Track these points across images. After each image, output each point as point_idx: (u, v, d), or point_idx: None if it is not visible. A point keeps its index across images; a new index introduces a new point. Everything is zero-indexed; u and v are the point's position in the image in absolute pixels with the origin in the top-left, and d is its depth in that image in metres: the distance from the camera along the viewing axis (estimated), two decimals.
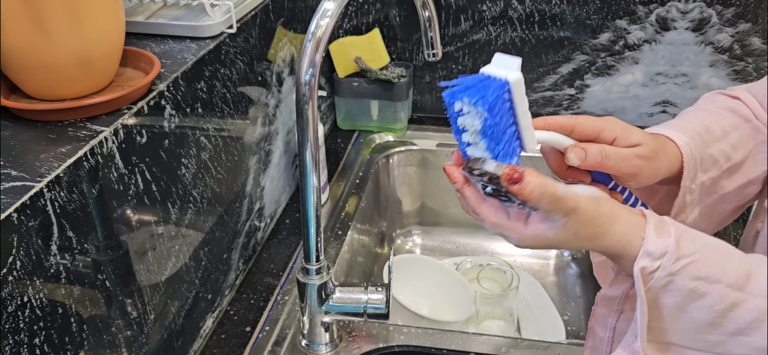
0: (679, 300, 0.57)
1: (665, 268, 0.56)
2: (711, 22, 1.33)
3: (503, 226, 0.59)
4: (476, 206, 0.60)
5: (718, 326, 0.56)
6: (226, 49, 0.92)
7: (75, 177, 0.63)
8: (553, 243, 0.58)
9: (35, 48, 0.66)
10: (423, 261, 1.29)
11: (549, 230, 0.57)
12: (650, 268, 0.56)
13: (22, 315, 0.58)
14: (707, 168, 0.69)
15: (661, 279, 0.56)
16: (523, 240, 0.59)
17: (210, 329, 0.95)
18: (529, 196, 0.55)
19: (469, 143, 0.59)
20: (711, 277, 0.57)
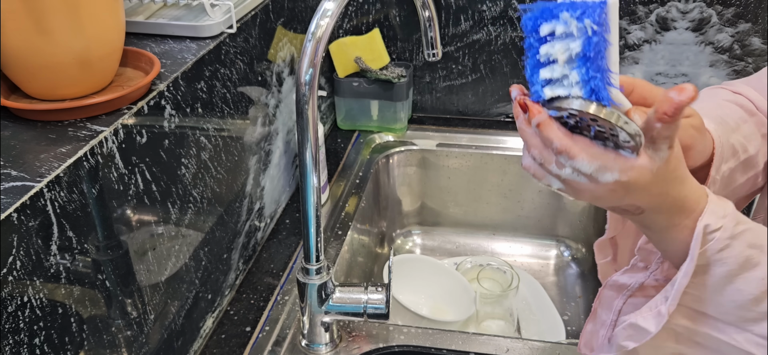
0: (732, 269, 0.54)
1: (727, 229, 0.53)
2: (711, 22, 1.33)
3: (604, 158, 0.51)
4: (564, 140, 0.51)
5: (760, 301, 0.54)
6: (226, 49, 0.92)
7: (75, 177, 0.63)
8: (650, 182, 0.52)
9: (35, 48, 0.66)
10: (423, 261, 1.29)
11: (653, 163, 0.51)
12: (713, 226, 0.53)
13: (22, 315, 0.58)
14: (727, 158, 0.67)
15: (721, 241, 0.53)
16: (625, 173, 0.51)
17: (210, 329, 0.95)
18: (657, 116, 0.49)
19: (551, 80, 0.50)
20: (765, 247, 0.54)
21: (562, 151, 0.51)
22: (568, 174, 0.53)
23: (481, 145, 1.44)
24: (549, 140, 0.52)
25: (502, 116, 1.50)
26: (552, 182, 0.55)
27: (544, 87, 0.51)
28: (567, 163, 0.52)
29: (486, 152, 1.42)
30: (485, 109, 1.50)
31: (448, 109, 1.53)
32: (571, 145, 0.51)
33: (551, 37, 0.49)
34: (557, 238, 1.47)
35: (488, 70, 1.46)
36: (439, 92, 1.51)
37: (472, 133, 1.46)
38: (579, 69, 0.48)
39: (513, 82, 1.45)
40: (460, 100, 1.51)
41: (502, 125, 1.49)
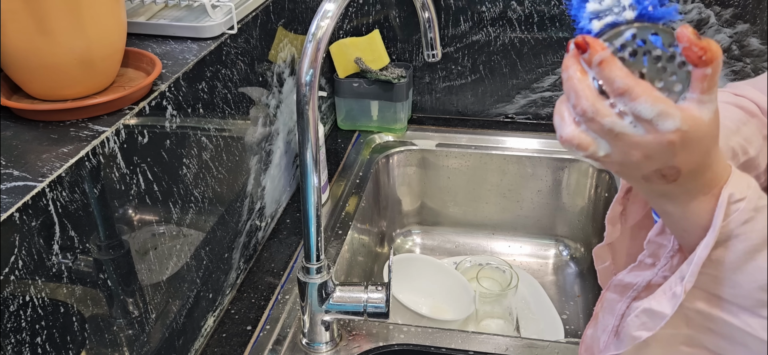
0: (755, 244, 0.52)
1: (752, 200, 0.52)
2: (709, 22, 1.33)
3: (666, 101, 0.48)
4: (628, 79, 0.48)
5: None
6: (227, 49, 0.92)
7: (77, 177, 0.63)
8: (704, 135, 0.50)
9: (37, 48, 0.67)
10: (423, 260, 1.30)
11: (705, 113, 0.49)
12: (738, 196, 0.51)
13: (24, 314, 0.58)
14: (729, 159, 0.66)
15: (746, 212, 0.51)
16: (686, 121, 0.49)
17: (211, 327, 0.96)
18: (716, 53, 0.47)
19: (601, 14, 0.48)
20: None
21: (624, 91, 0.48)
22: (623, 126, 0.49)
23: (480, 146, 1.44)
24: (610, 79, 0.48)
25: (502, 116, 1.51)
26: (599, 146, 0.51)
27: (593, 21, 0.49)
28: (628, 105, 0.48)
29: (485, 152, 1.43)
30: (485, 109, 1.51)
31: (447, 110, 1.53)
32: (634, 84, 0.48)
33: None
34: (556, 237, 1.47)
35: (487, 70, 1.46)
36: (439, 93, 1.51)
37: (472, 133, 1.47)
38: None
39: (512, 82, 1.46)
40: (460, 100, 1.51)
41: (501, 125, 1.49)
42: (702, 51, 0.47)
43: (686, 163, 0.51)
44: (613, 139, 0.50)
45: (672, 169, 0.51)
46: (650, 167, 0.51)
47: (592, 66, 0.49)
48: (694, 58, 0.47)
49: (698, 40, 0.47)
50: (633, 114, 0.48)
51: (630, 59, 0.48)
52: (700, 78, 0.48)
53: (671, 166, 0.51)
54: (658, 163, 0.51)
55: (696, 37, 0.47)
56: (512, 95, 1.48)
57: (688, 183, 0.52)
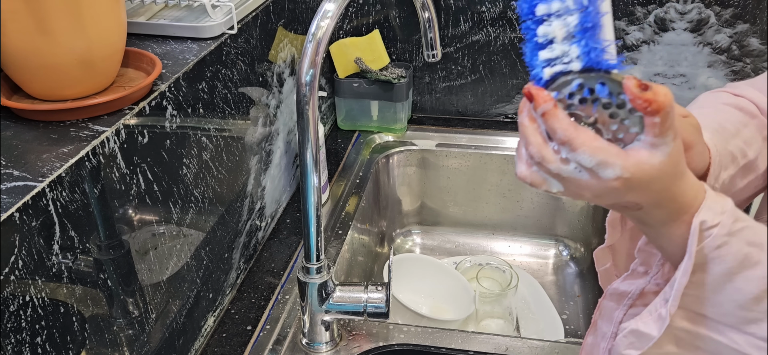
0: (731, 266, 0.52)
1: (725, 225, 0.52)
2: (709, 22, 1.33)
3: (605, 151, 0.50)
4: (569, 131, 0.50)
5: (761, 301, 0.52)
6: (227, 49, 0.92)
7: (77, 177, 0.63)
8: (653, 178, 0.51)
9: (37, 48, 0.67)
10: (423, 260, 1.30)
11: (655, 157, 0.50)
12: (710, 222, 0.52)
13: (24, 314, 0.58)
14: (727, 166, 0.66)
15: (719, 238, 0.52)
16: (626, 170, 0.50)
17: (211, 327, 0.96)
18: (662, 103, 0.47)
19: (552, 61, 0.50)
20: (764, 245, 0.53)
21: (565, 142, 0.50)
22: (569, 171, 0.52)
23: (480, 146, 1.44)
24: (553, 130, 0.51)
25: (501, 116, 1.51)
26: (551, 185, 0.54)
27: (544, 68, 0.51)
28: (570, 155, 0.51)
29: (485, 152, 1.43)
30: (484, 109, 1.51)
31: (447, 110, 1.53)
32: (575, 136, 0.50)
33: (548, 16, 0.50)
34: (556, 237, 1.47)
35: (487, 70, 1.46)
36: (439, 93, 1.51)
37: (472, 133, 1.47)
38: (578, 43, 0.49)
39: (512, 82, 1.46)
40: (460, 100, 1.51)
41: (501, 125, 1.50)
42: (647, 103, 0.48)
43: (641, 199, 0.52)
44: (562, 181, 0.53)
45: (630, 203, 0.53)
46: (603, 203, 0.54)
47: (535, 113, 0.51)
48: (641, 109, 0.48)
49: (642, 94, 0.48)
50: (574, 164, 0.51)
51: (580, 106, 0.50)
52: (650, 125, 0.49)
53: (628, 201, 0.53)
54: (608, 201, 0.53)
55: (640, 91, 0.48)
56: (512, 95, 1.48)
57: (653, 211, 0.54)
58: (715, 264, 0.53)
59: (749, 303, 0.53)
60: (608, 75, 0.49)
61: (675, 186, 0.52)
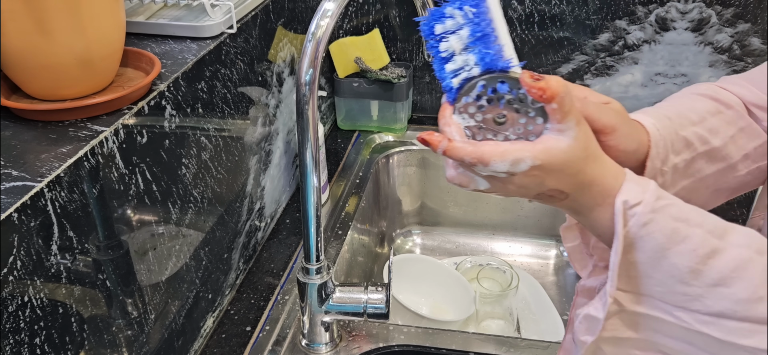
0: (661, 242, 0.54)
1: (648, 203, 0.54)
2: (710, 22, 1.33)
3: (512, 151, 0.54)
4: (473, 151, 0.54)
5: (698, 274, 0.54)
6: (226, 49, 0.92)
7: (75, 177, 0.63)
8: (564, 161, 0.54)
9: (36, 48, 0.66)
10: (423, 261, 1.29)
11: (562, 141, 0.54)
12: (632, 201, 0.54)
13: (22, 315, 0.58)
14: (680, 150, 0.68)
15: (644, 215, 0.54)
16: (538, 157, 0.54)
17: (210, 328, 0.96)
18: (556, 90, 0.52)
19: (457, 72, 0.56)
20: (691, 220, 0.55)
21: (476, 162, 0.55)
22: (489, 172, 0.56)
23: None
24: (461, 159, 0.55)
25: None
26: (479, 183, 0.58)
27: (453, 78, 0.56)
28: (485, 170, 0.55)
29: None
30: None
31: None
32: (481, 153, 0.54)
33: (445, 34, 0.56)
34: (556, 238, 1.47)
35: None
36: (439, 92, 1.51)
37: None
38: (474, 51, 0.55)
39: None
40: None
41: None
42: (541, 90, 0.52)
43: (562, 185, 0.55)
44: (487, 179, 0.57)
45: (554, 190, 0.56)
46: (530, 194, 0.57)
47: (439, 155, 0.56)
48: (537, 98, 0.53)
49: (535, 83, 0.52)
50: (492, 173, 0.55)
51: (489, 106, 0.55)
52: (551, 111, 0.53)
53: (551, 189, 0.56)
54: (534, 192, 0.57)
55: (533, 81, 0.52)
56: None
57: (579, 198, 0.56)
58: (646, 242, 0.54)
59: (687, 277, 0.54)
60: (506, 74, 0.54)
61: (590, 169, 0.55)
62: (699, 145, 0.69)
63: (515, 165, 0.54)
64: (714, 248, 0.54)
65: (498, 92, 0.55)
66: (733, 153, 0.71)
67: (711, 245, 0.54)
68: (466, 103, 0.56)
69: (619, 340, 0.59)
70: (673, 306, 0.56)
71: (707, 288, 0.54)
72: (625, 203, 0.54)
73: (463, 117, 0.57)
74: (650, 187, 0.55)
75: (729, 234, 0.55)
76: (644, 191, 0.55)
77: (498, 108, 0.55)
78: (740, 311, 0.53)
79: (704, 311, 0.54)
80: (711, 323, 0.54)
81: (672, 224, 0.54)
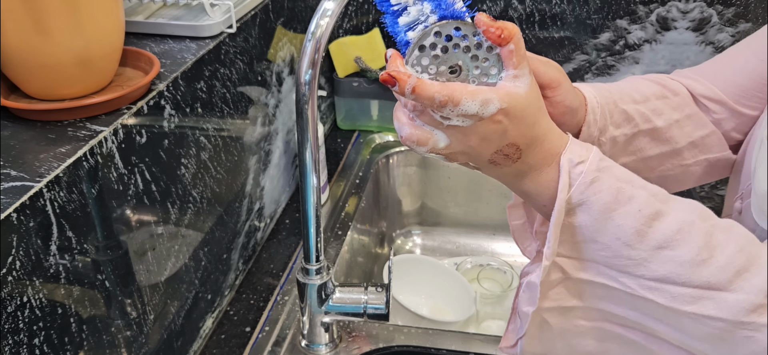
0: (607, 202, 0.54)
1: (593, 162, 0.54)
2: (711, 21, 1.33)
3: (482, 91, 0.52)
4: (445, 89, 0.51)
5: (643, 236, 0.53)
6: (225, 48, 0.92)
7: (74, 177, 0.63)
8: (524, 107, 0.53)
9: (35, 48, 0.66)
10: (423, 261, 1.29)
11: (520, 86, 0.53)
12: (577, 159, 0.54)
13: (21, 315, 0.58)
14: (619, 124, 0.68)
15: (589, 173, 0.54)
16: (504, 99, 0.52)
17: (210, 329, 0.95)
18: (512, 30, 0.52)
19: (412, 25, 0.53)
20: (635, 182, 0.55)
21: (445, 102, 0.52)
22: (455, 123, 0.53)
23: None
24: (430, 98, 0.52)
25: None
26: (439, 139, 0.55)
27: (407, 32, 0.54)
28: (454, 110, 0.52)
29: None
30: None
31: None
32: (451, 91, 0.52)
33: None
34: None
35: None
36: None
37: None
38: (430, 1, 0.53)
39: None
40: None
41: None
42: (499, 30, 0.52)
43: (520, 138, 0.54)
44: (447, 131, 0.54)
45: (511, 146, 0.54)
46: (490, 149, 0.55)
47: (406, 96, 0.52)
48: (494, 39, 0.52)
49: (493, 22, 0.52)
50: (461, 115, 0.53)
51: (443, 55, 0.53)
52: (507, 55, 0.53)
53: (509, 145, 0.54)
54: (495, 145, 0.54)
55: (491, 20, 0.52)
56: None
57: (530, 157, 0.55)
58: (592, 202, 0.54)
59: (632, 240, 0.54)
60: (462, 21, 0.53)
61: (544, 121, 0.55)
62: (641, 122, 0.69)
63: (485, 106, 0.52)
64: (658, 210, 0.54)
65: (453, 39, 0.53)
66: (678, 138, 0.71)
67: (655, 207, 0.54)
68: (418, 55, 0.53)
69: (564, 309, 0.59)
70: (618, 272, 0.55)
71: (652, 251, 0.53)
72: (570, 160, 0.54)
73: (415, 70, 0.53)
74: (593, 149, 0.55)
75: (672, 201, 0.55)
76: (588, 151, 0.55)
77: (454, 57, 0.53)
78: (684, 274, 0.53)
79: (649, 276, 0.54)
80: (656, 288, 0.54)
81: (617, 183, 0.54)
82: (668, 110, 0.71)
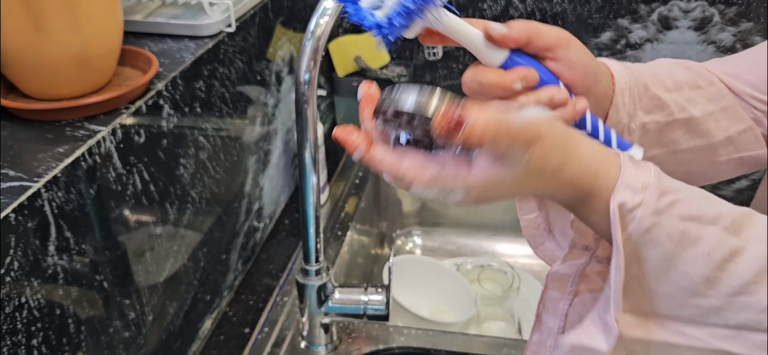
0: (668, 249, 0.45)
1: (649, 204, 0.45)
2: (713, 21, 1.32)
3: (441, 180, 0.45)
4: (394, 169, 0.45)
5: (716, 283, 0.45)
6: (224, 48, 0.91)
7: (73, 177, 0.62)
8: (512, 189, 0.45)
9: (33, 47, 0.66)
10: (423, 262, 1.29)
11: (506, 172, 0.44)
12: (631, 203, 0.45)
13: (19, 316, 0.57)
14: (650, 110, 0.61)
15: (645, 219, 0.44)
16: (472, 192, 0.45)
17: (209, 330, 0.95)
18: (481, 140, 0.42)
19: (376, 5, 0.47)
20: (704, 217, 0.45)
21: (396, 181, 0.46)
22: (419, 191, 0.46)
23: None
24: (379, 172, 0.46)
25: None
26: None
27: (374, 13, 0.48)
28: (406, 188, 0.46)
29: None
30: None
31: None
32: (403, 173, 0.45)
33: None
34: None
35: None
36: None
37: None
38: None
39: None
40: None
41: None
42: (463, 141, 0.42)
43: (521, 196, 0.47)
44: None
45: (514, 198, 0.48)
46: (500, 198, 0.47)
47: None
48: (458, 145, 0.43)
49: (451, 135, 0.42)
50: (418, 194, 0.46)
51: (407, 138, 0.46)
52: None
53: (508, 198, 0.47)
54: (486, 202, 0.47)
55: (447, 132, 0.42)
56: None
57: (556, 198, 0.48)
58: (650, 250, 0.45)
59: (701, 288, 0.46)
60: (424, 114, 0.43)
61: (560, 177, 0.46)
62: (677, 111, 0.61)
63: (443, 196, 0.45)
64: (732, 250, 0.45)
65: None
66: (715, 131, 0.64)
67: (728, 246, 0.45)
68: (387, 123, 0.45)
69: None
70: (684, 323, 0.47)
71: (726, 298, 0.45)
72: (623, 205, 0.45)
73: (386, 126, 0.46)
74: (650, 180, 0.46)
75: (745, 227, 0.46)
76: (644, 188, 0.45)
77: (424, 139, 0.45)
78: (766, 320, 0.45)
79: (723, 324, 0.46)
80: (731, 337, 0.46)
81: (680, 225, 0.45)
82: (703, 101, 0.64)
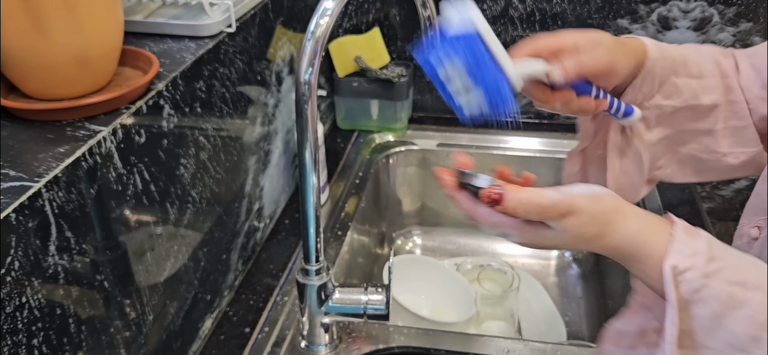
0: (716, 309, 0.50)
1: (698, 268, 0.50)
2: (712, 21, 1.32)
3: (503, 225, 0.58)
4: (471, 211, 0.60)
5: (759, 341, 0.49)
6: (225, 48, 0.91)
7: (73, 177, 0.63)
8: (556, 245, 0.57)
9: (33, 47, 0.66)
10: (423, 262, 1.29)
11: (548, 233, 0.56)
12: (681, 267, 0.50)
13: (20, 316, 0.58)
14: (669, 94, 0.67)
15: (695, 281, 0.50)
16: (525, 239, 0.57)
17: (209, 330, 0.95)
18: (514, 213, 0.55)
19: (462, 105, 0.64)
20: (749, 283, 0.50)
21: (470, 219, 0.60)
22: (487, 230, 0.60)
23: (481, 145, 1.43)
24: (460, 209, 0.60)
25: None
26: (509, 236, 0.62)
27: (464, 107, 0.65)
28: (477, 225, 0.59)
29: (486, 152, 1.42)
30: None
31: (448, 109, 1.51)
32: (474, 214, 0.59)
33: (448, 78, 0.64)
34: None
35: None
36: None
37: (473, 133, 1.46)
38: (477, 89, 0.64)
39: None
40: None
41: (502, 125, 1.49)
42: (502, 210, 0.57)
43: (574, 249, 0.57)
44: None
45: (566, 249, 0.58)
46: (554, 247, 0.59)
47: None
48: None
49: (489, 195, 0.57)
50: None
51: None
52: None
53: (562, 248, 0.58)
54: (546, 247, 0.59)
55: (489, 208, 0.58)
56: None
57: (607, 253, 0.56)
58: (699, 308, 0.51)
59: (747, 344, 0.50)
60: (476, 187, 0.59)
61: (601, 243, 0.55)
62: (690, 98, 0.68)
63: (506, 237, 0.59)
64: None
65: None
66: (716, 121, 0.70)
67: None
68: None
69: None
70: None
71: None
72: (675, 268, 0.50)
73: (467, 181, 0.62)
74: (700, 248, 0.51)
75: None
76: (694, 254, 0.51)
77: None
78: None
79: None
80: None
81: (727, 289, 0.50)
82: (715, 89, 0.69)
